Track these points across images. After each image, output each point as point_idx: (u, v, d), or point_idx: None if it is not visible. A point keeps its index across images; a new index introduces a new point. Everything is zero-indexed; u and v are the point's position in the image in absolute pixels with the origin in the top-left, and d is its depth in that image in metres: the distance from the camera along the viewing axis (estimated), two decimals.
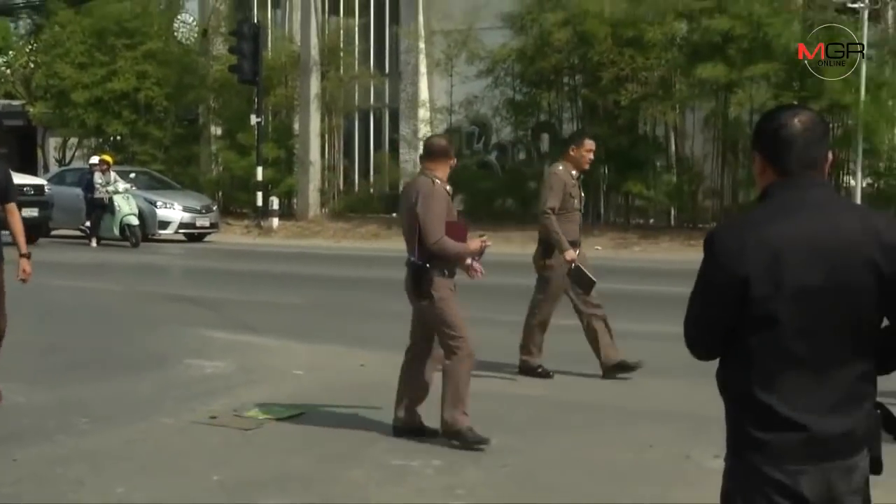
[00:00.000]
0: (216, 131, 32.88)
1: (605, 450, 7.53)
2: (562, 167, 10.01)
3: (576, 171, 10.00)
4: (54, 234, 25.82)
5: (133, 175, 26.81)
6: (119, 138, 32.72)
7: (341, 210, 30.80)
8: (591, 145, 10.23)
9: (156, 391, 9.25)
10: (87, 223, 24.75)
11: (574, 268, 9.46)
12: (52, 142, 38.51)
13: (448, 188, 7.84)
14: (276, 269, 20.38)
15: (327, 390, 9.32)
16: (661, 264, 19.39)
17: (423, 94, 29.97)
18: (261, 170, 29.36)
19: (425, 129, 28.93)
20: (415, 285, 7.55)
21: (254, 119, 29.44)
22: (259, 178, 29.35)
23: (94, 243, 24.13)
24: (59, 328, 12.32)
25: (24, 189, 21.34)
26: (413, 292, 7.64)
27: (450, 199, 7.80)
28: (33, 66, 36.82)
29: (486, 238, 8.38)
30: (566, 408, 8.76)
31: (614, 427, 8.09)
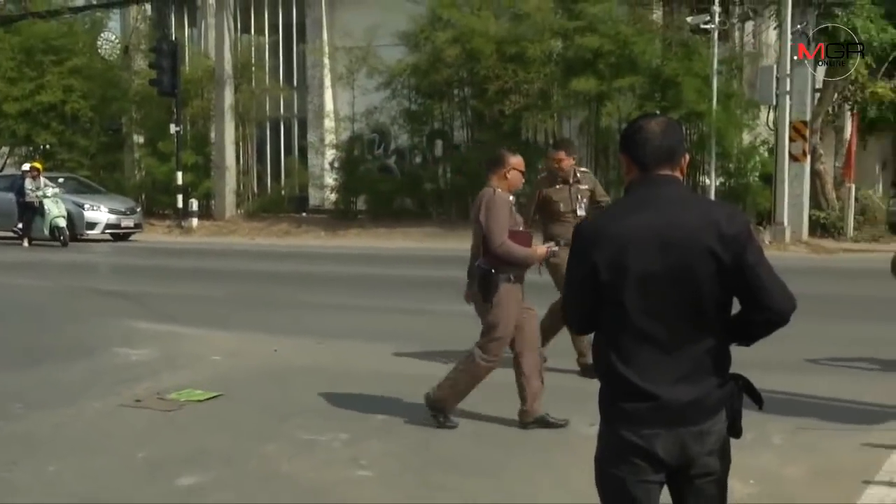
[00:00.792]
0: (138, 140, 32.52)
1: (496, 422, 7.63)
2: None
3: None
4: None
5: (61, 180, 26.27)
6: (48, 147, 32.20)
7: (255, 210, 30.61)
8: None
9: (85, 378, 9.17)
10: (20, 225, 24.29)
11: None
12: None
13: (510, 198, 7.66)
14: (196, 264, 20.21)
15: (243, 374, 9.33)
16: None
17: (329, 105, 29.99)
18: (180, 174, 29.19)
19: (330, 137, 29.27)
20: (481, 289, 7.40)
21: (173, 128, 29.25)
22: (179, 182, 29.17)
23: (26, 243, 23.78)
24: None
25: None
26: (479, 296, 7.50)
27: (511, 207, 7.59)
28: None
29: (553, 245, 8.15)
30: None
31: (507, 402, 8.19)
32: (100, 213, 25.56)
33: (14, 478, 6.28)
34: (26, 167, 25.22)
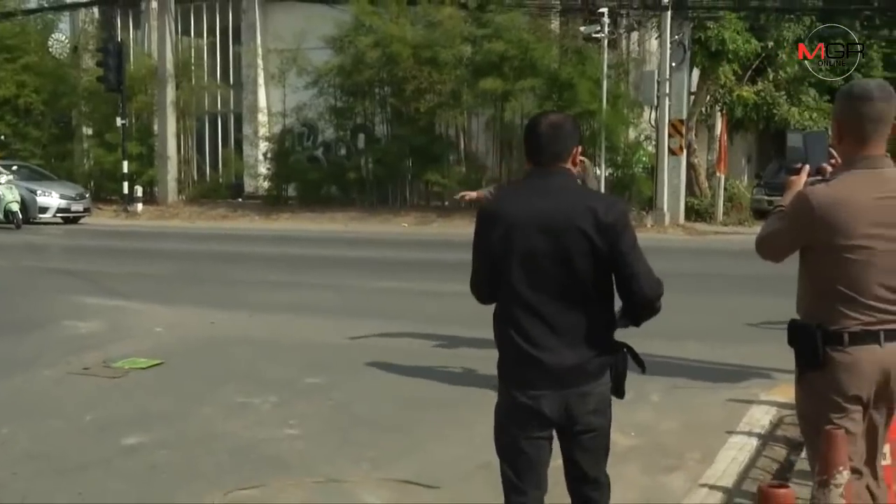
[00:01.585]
0: (87, 131, 31.82)
1: (410, 385, 7.67)
2: None
3: None
4: None
5: (15, 168, 25.57)
6: (3, 138, 31.31)
7: (195, 196, 30.18)
8: None
9: (37, 348, 9.01)
10: None
11: None
12: None
13: None
14: (141, 245, 19.90)
15: (183, 344, 9.25)
16: (453, 237, 19.57)
17: (262, 102, 29.66)
18: (126, 163, 28.69)
19: (263, 131, 29.07)
20: None
21: (119, 121, 28.79)
22: (125, 170, 28.66)
23: None
24: None
25: None
26: None
27: None
28: None
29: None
30: (383, 352, 8.88)
31: (419, 368, 8.23)
32: (51, 199, 24.99)
33: None
34: None
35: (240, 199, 29.44)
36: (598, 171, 23.52)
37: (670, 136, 24.11)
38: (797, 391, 3.69)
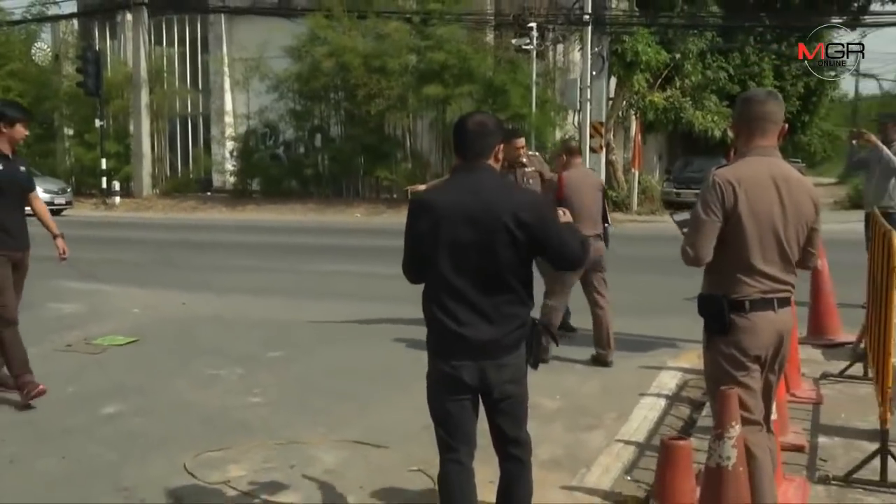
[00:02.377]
0: (68, 132, 31.24)
1: (360, 357, 7.69)
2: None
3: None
4: None
5: None
6: None
7: (168, 190, 29.86)
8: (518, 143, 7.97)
9: (24, 328, 8.70)
10: None
11: None
12: None
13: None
14: (119, 234, 19.63)
15: (157, 323, 9.17)
16: (400, 227, 19.51)
17: (228, 105, 29.34)
18: (104, 161, 28.25)
19: (229, 131, 28.84)
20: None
21: (97, 122, 28.29)
22: (103, 166, 28.18)
23: None
24: None
25: None
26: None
27: None
28: None
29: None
30: (337, 329, 8.88)
31: (367, 342, 8.24)
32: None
33: None
34: None
35: (208, 193, 29.15)
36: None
37: (591, 136, 24.36)
38: (706, 355, 3.78)
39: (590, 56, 24.59)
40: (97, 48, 29.60)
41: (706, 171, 3.80)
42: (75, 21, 32.36)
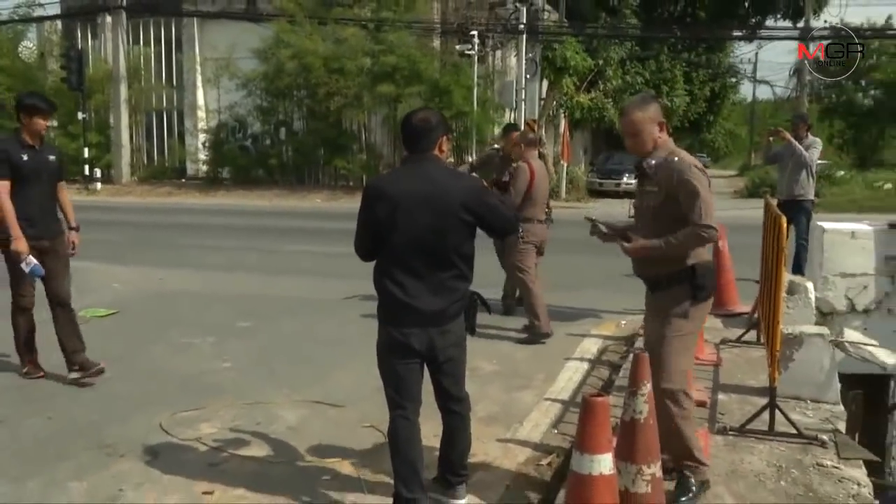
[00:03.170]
0: (53, 123, 30.34)
1: (319, 327, 7.65)
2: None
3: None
4: None
5: None
6: None
7: (145, 177, 29.16)
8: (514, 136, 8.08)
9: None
10: None
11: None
12: None
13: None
14: (100, 217, 19.04)
15: (136, 297, 9.02)
16: (356, 211, 19.52)
17: (200, 101, 28.73)
18: (87, 150, 27.44)
19: (202, 124, 28.32)
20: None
21: (80, 115, 27.47)
22: (86, 155, 27.37)
23: None
24: None
25: None
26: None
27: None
28: None
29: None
30: (298, 301, 8.82)
31: (325, 313, 8.20)
32: None
33: None
34: None
35: (183, 180, 28.61)
36: (470, 159, 23.76)
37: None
38: (686, 321, 3.74)
39: (524, 61, 24.71)
40: (79, 47, 28.76)
41: (665, 161, 3.74)
42: (59, 22, 31.44)
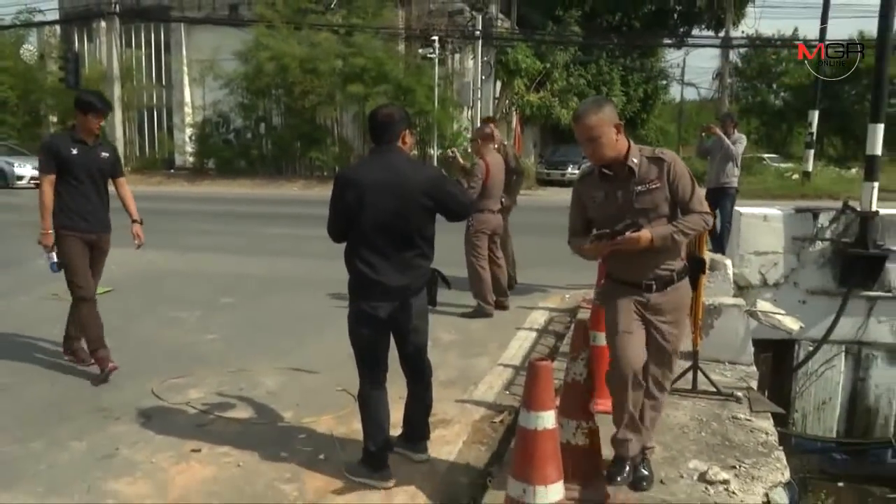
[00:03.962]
0: (52, 119, 29.61)
1: (296, 302, 7.61)
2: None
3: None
4: None
5: None
6: None
7: (137, 168, 28.48)
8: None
9: (16, 281, 8.49)
10: None
11: None
12: None
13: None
14: None
15: (128, 276, 8.83)
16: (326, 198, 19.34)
17: (187, 98, 28.27)
18: None
19: (188, 120, 27.95)
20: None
21: None
22: None
23: None
24: None
25: None
26: None
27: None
28: None
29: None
30: (277, 280, 8.74)
31: (301, 289, 8.14)
32: (26, 169, 23.04)
33: None
34: None
35: (171, 170, 28.13)
36: (432, 152, 23.71)
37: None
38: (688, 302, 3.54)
39: (480, 64, 24.70)
40: (76, 50, 28.24)
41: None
42: (58, 27, 30.77)
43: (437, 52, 23.36)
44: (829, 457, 8.65)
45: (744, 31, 37.70)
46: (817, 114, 21.66)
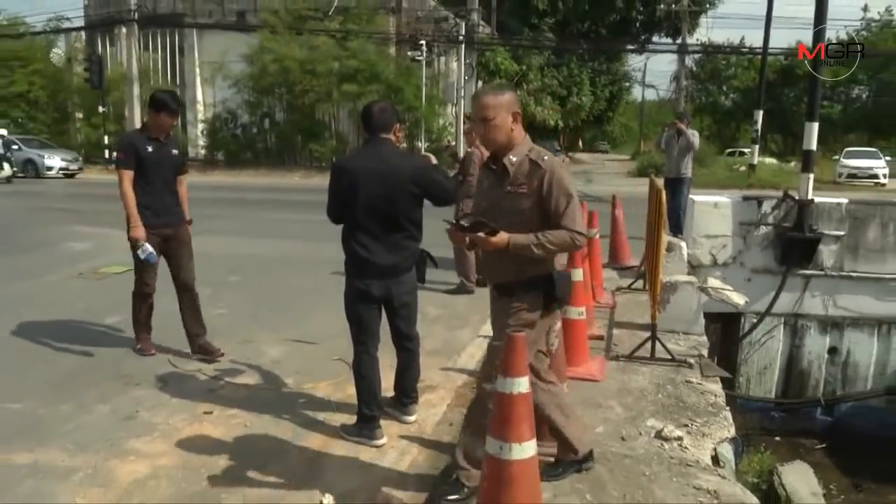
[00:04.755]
0: (78, 115, 29.21)
1: (296, 279, 7.56)
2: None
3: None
4: None
5: (29, 140, 23.87)
6: (20, 120, 28.59)
7: None
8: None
9: (46, 261, 8.39)
10: None
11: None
12: None
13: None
14: (118, 192, 18.53)
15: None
16: (324, 187, 19.21)
17: (199, 97, 27.97)
18: (106, 137, 26.48)
19: (200, 116, 27.63)
20: None
21: (101, 109, 26.61)
22: (106, 142, 26.42)
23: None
24: None
25: None
26: None
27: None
28: None
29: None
30: (279, 260, 8.68)
31: (301, 269, 8.09)
32: (55, 161, 22.87)
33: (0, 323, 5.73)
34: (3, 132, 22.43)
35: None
36: (419, 144, 23.58)
37: (464, 123, 24.25)
38: (530, 331, 2.88)
39: (463, 66, 24.52)
40: (100, 53, 27.88)
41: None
42: (83, 33, 30.37)
43: (424, 54, 23.21)
44: (768, 415, 8.77)
45: (698, 39, 37.71)
46: (762, 113, 21.79)
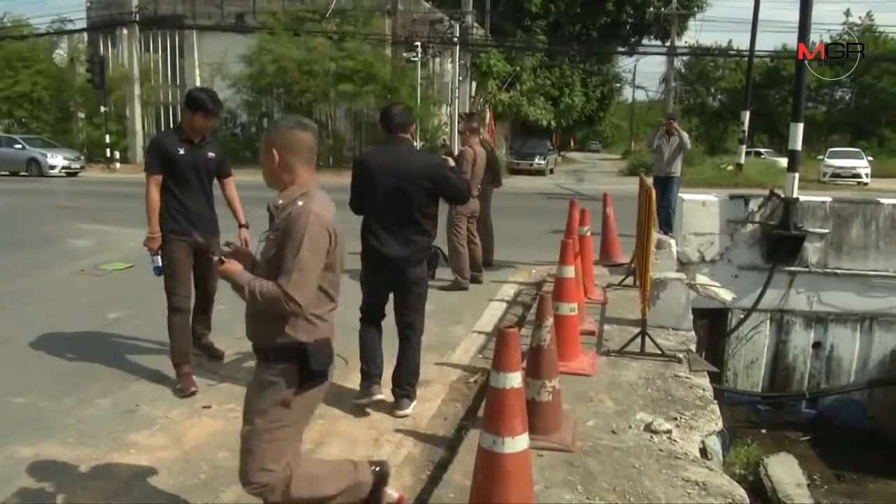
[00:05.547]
0: (81, 115, 28.97)
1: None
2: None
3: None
4: None
5: (32, 139, 23.76)
6: (24, 119, 28.44)
7: None
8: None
9: (49, 257, 8.35)
10: None
11: None
12: None
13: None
14: (119, 190, 18.41)
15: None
16: (323, 184, 19.18)
17: None
18: (108, 136, 26.37)
19: None
20: None
21: (102, 108, 26.40)
22: (107, 140, 26.31)
23: None
24: None
25: None
26: None
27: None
28: None
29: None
30: None
31: None
32: (57, 160, 22.74)
33: (3, 318, 5.73)
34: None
35: None
36: (415, 143, 23.51)
37: (458, 122, 24.26)
38: (285, 411, 2.52)
39: (458, 66, 24.46)
40: (101, 54, 27.61)
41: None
42: (85, 34, 30.16)
43: (419, 56, 23.15)
44: (754, 408, 8.80)
45: (686, 42, 37.76)
46: (748, 114, 21.83)
